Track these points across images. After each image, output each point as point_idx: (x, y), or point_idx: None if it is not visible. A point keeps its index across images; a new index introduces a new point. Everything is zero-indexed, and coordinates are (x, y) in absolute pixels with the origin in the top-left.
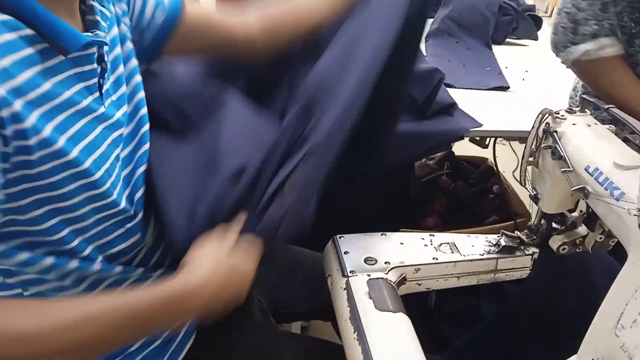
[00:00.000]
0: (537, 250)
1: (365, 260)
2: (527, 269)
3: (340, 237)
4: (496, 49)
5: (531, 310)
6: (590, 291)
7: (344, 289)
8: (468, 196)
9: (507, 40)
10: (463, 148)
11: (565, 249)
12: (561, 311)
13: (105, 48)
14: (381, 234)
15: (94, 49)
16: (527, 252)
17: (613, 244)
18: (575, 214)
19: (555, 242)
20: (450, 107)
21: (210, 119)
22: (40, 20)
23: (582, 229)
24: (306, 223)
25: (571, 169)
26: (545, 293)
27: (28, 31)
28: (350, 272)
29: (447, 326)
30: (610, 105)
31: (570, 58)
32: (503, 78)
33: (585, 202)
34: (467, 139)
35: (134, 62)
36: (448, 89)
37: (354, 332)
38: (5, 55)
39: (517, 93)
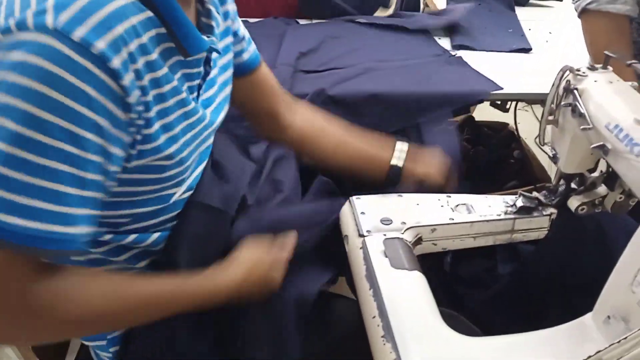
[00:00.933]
0: (555, 210)
1: (382, 220)
2: (545, 230)
3: (357, 198)
4: (519, 11)
5: (547, 270)
6: (608, 251)
7: (360, 248)
8: (488, 161)
9: (531, 1)
10: (484, 113)
11: (584, 209)
12: (578, 271)
13: (214, 55)
14: (397, 195)
15: (204, 53)
16: (544, 213)
17: (633, 204)
18: (595, 174)
19: (574, 202)
20: None
21: None
22: (175, 19)
23: (602, 189)
24: None
25: (591, 126)
26: (563, 253)
27: (162, 30)
28: (366, 231)
29: (462, 289)
30: (634, 61)
31: (582, 5)
32: (525, 40)
33: (605, 160)
34: (488, 103)
35: (230, 71)
36: (468, 51)
37: (370, 289)
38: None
39: (540, 55)
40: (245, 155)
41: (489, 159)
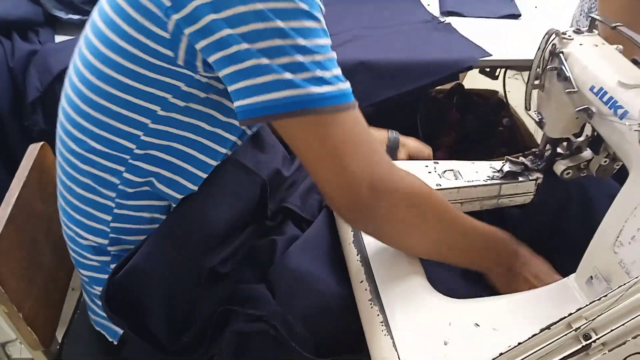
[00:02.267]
0: (541, 175)
1: None
2: (531, 194)
3: None
4: None
5: (533, 233)
6: (592, 215)
7: None
8: (477, 130)
9: None
10: (473, 81)
11: (569, 173)
12: (563, 234)
13: None
14: None
15: None
16: (530, 178)
17: (617, 167)
18: (581, 138)
19: (559, 166)
20: None
21: None
22: None
23: (587, 153)
24: None
25: (576, 89)
26: (548, 217)
27: None
28: None
29: None
30: (618, 24)
31: None
32: (514, 6)
33: (590, 124)
34: (477, 70)
35: None
36: (457, 17)
37: (357, 255)
38: None
39: (529, 21)
40: None
41: (478, 126)
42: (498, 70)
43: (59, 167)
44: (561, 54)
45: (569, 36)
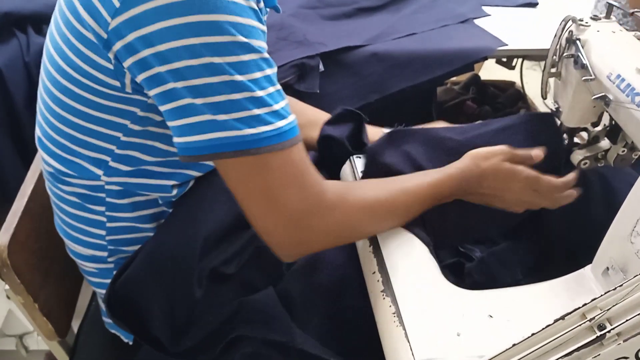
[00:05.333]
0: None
1: None
2: None
3: (357, 157)
4: None
5: (553, 224)
6: (613, 206)
7: None
8: None
9: None
10: (490, 72)
11: (586, 163)
12: (583, 226)
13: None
14: None
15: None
16: None
17: (636, 157)
18: (598, 127)
19: (576, 156)
20: None
21: None
22: None
23: (605, 143)
24: None
25: (593, 77)
26: (567, 208)
27: None
28: None
29: (466, 246)
30: (636, 10)
31: None
32: None
33: (608, 113)
34: (494, 61)
35: None
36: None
37: (370, 246)
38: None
39: (547, 10)
40: None
41: (494, 118)
42: (515, 60)
43: (47, 186)
44: (578, 41)
45: (586, 23)
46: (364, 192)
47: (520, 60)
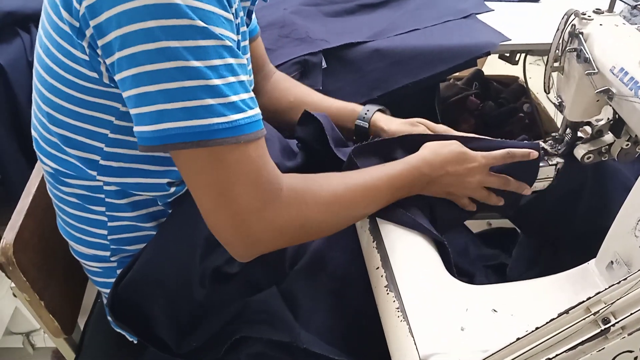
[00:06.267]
0: (561, 160)
1: None
2: (550, 179)
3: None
4: None
5: (542, 218)
6: (603, 206)
7: None
8: (497, 116)
9: None
10: (493, 67)
11: (590, 157)
12: (569, 222)
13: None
14: None
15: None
16: (550, 163)
17: None
18: (602, 121)
19: (580, 151)
20: None
21: None
22: None
23: (608, 137)
24: None
25: (596, 71)
26: (559, 202)
27: None
28: None
29: None
30: (638, 3)
31: None
32: None
33: (611, 107)
34: (497, 56)
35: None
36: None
37: (373, 242)
38: None
39: (550, 4)
40: None
41: (498, 113)
42: (518, 55)
43: (47, 188)
44: (581, 35)
45: (589, 16)
46: (321, 187)
47: (523, 55)
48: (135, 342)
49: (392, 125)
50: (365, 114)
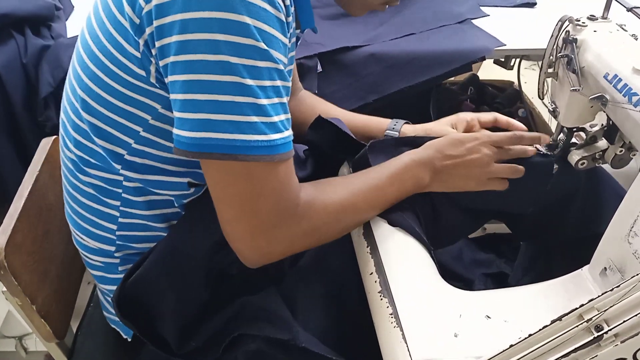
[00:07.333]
0: (556, 166)
1: None
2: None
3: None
4: None
5: (534, 223)
6: (593, 213)
7: None
8: None
9: None
10: (488, 72)
11: (584, 163)
12: (558, 228)
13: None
14: None
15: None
16: None
17: (633, 157)
18: (596, 127)
19: (574, 156)
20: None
21: None
22: None
23: (602, 143)
24: None
25: (580, 88)
26: (551, 208)
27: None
28: None
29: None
30: (635, 6)
31: None
32: None
33: (605, 113)
34: (492, 61)
35: None
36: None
37: (367, 247)
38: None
39: (545, 10)
40: None
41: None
42: (513, 60)
43: (63, 175)
44: (574, 42)
45: (583, 23)
46: (328, 196)
47: (518, 60)
48: (129, 339)
49: (428, 125)
50: (395, 125)
